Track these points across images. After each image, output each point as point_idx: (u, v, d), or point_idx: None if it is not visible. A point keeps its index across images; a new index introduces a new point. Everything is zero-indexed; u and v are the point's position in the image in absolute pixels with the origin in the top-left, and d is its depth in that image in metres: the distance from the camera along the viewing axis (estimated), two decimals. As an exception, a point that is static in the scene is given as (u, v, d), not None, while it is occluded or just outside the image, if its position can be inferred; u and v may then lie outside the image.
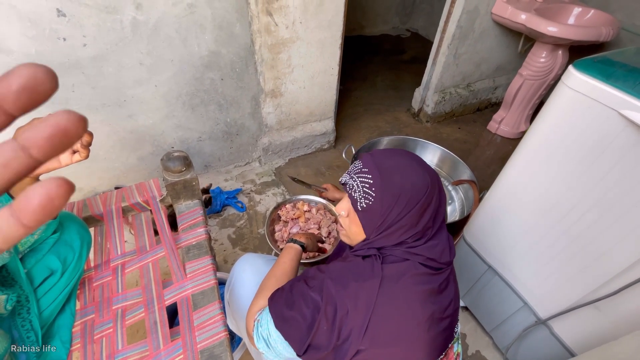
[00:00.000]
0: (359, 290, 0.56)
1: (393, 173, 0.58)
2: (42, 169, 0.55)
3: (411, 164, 0.60)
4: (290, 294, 0.62)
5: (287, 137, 1.79)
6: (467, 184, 1.57)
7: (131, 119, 1.37)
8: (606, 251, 0.75)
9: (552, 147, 0.78)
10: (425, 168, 0.61)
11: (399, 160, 0.60)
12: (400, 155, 0.62)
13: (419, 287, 0.57)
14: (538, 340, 0.99)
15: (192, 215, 0.92)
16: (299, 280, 0.64)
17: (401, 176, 0.58)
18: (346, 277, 0.58)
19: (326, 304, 0.56)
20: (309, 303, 0.58)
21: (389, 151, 0.63)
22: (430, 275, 0.58)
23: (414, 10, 3.46)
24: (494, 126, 2.21)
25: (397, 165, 0.59)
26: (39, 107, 0.15)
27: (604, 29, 1.58)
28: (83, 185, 1.47)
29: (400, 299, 0.56)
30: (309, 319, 0.57)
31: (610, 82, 0.65)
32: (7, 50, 1.06)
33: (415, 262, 0.58)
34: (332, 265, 0.62)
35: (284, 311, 0.60)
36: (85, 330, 0.74)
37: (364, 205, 0.59)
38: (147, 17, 1.17)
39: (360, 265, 0.59)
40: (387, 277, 0.57)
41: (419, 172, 0.59)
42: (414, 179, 0.58)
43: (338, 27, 1.50)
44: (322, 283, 0.59)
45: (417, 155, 0.64)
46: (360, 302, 0.55)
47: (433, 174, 0.61)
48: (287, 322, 0.59)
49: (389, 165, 0.59)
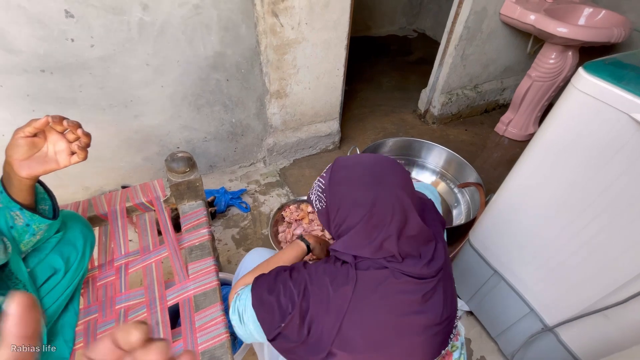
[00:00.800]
0: (332, 294, 0.57)
1: (340, 184, 0.61)
2: (40, 170, 0.56)
3: (362, 179, 0.60)
4: (274, 280, 0.64)
5: (292, 137, 1.79)
6: (473, 187, 1.55)
7: (137, 119, 1.38)
8: (616, 257, 0.73)
9: (561, 150, 0.77)
10: (382, 186, 0.59)
11: (354, 170, 0.61)
12: (362, 166, 0.62)
13: (399, 296, 0.57)
14: (544, 347, 0.97)
15: (196, 215, 0.92)
16: (285, 270, 0.65)
17: (346, 188, 0.60)
18: (323, 279, 0.59)
19: (301, 300, 0.58)
20: (287, 293, 0.60)
21: (357, 158, 0.64)
22: (413, 285, 0.58)
23: (421, 11, 3.44)
24: (501, 128, 2.18)
25: (347, 175, 0.61)
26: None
27: (616, 30, 1.55)
28: (89, 184, 1.49)
29: (375, 306, 0.56)
30: (284, 308, 0.59)
31: (622, 85, 0.64)
32: (17, 50, 1.07)
33: (393, 271, 0.58)
34: (315, 265, 0.64)
35: (264, 294, 0.62)
36: (89, 329, 0.75)
37: (318, 207, 0.65)
38: (153, 18, 1.18)
39: (338, 269, 0.60)
40: (362, 285, 0.57)
41: (367, 189, 0.59)
42: (355, 195, 0.59)
43: (344, 27, 1.50)
44: (302, 278, 0.61)
45: (392, 170, 0.62)
46: (332, 305, 0.56)
47: (390, 195, 0.59)
48: (263, 306, 0.61)
49: (340, 175, 0.62)
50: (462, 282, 1.22)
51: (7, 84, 1.12)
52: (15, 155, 0.53)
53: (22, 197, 0.57)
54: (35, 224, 0.60)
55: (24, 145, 0.53)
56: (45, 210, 0.63)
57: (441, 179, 1.76)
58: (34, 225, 0.60)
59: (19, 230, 0.59)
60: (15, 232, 0.59)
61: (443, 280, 0.62)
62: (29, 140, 0.54)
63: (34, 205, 0.61)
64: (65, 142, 0.57)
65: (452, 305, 0.64)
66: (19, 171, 0.54)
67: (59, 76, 1.17)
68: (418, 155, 1.79)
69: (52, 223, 0.62)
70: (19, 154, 0.53)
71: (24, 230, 0.59)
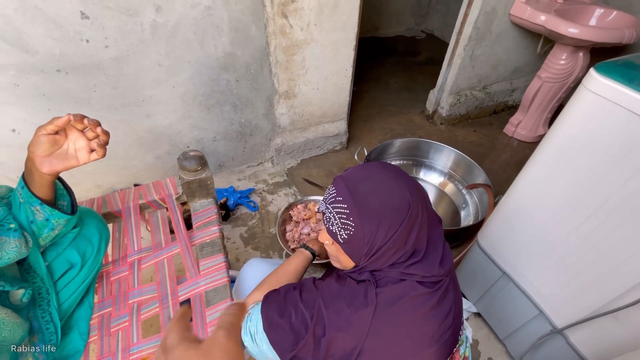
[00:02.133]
0: (351, 317, 0.55)
1: (368, 198, 0.55)
2: (61, 167, 0.57)
3: (388, 183, 0.57)
4: (283, 300, 0.62)
5: (299, 138, 1.80)
6: (482, 188, 1.54)
7: (149, 118, 1.41)
8: (626, 259, 0.72)
9: (572, 152, 0.76)
10: (403, 183, 0.58)
11: (374, 181, 0.57)
12: (375, 174, 0.59)
13: (419, 309, 0.55)
14: (553, 349, 0.96)
15: (207, 213, 0.93)
16: (295, 289, 0.63)
17: (378, 200, 0.55)
18: (339, 302, 0.56)
19: (315, 325, 0.56)
20: (298, 316, 0.58)
21: (364, 170, 0.60)
22: (429, 294, 0.57)
23: (429, 12, 3.43)
24: (510, 129, 2.17)
25: (372, 187, 0.56)
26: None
27: (627, 31, 1.53)
28: (102, 182, 1.51)
29: (397, 322, 0.55)
30: (297, 332, 0.57)
31: (633, 86, 0.63)
32: (33, 50, 1.10)
33: (412, 282, 0.57)
34: (327, 285, 0.61)
35: (275, 316, 0.60)
36: (103, 323, 0.77)
37: (344, 237, 0.57)
38: (166, 20, 1.20)
39: (354, 289, 0.57)
40: (383, 303, 0.55)
41: (397, 191, 0.56)
42: (393, 200, 0.55)
43: (353, 28, 1.50)
44: (314, 300, 0.58)
45: (394, 169, 0.61)
46: (352, 328, 0.54)
47: (414, 188, 0.58)
48: (275, 329, 0.59)
49: (363, 190, 0.56)
50: (470, 283, 1.21)
51: (23, 84, 1.15)
52: (38, 151, 0.55)
53: (42, 192, 0.59)
54: (54, 218, 0.61)
55: (45, 142, 0.55)
56: (64, 206, 0.65)
57: (449, 180, 1.75)
58: (53, 220, 0.61)
59: (38, 224, 0.61)
60: (35, 226, 0.61)
61: (452, 279, 0.62)
62: (50, 137, 0.55)
63: (53, 201, 0.63)
64: (85, 139, 0.58)
65: (459, 302, 0.64)
66: (40, 167, 0.56)
67: (73, 76, 1.19)
68: (426, 156, 1.78)
69: (71, 218, 0.64)
70: (40, 151, 0.55)
71: (43, 224, 0.61)
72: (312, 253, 0.86)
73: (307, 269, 0.84)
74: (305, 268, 0.81)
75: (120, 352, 0.72)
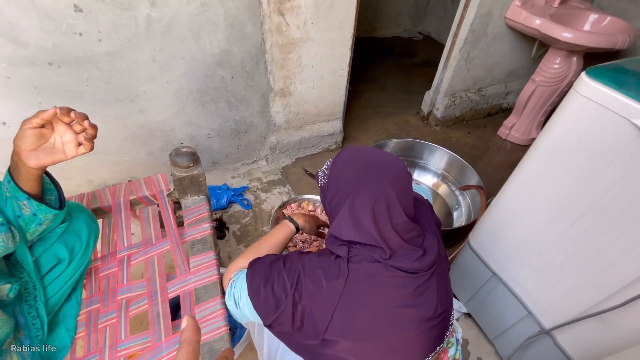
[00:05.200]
0: (324, 287, 0.60)
1: (339, 163, 0.67)
2: (48, 161, 0.57)
3: (359, 162, 0.65)
4: (268, 268, 0.66)
5: (294, 136, 1.79)
6: (475, 190, 1.55)
7: (142, 114, 1.39)
8: (614, 262, 0.73)
9: (562, 154, 0.77)
10: (372, 173, 0.62)
11: (356, 157, 0.66)
12: (364, 153, 0.67)
13: (390, 288, 0.59)
14: (541, 350, 0.97)
15: (198, 210, 0.93)
16: (279, 259, 0.68)
17: (342, 168, 0.66)
18: (317, 272, 0.62)
19: (294, 291, 0.61)
20: (280, 282, 0.63)
21: (366, 148, 0.70)
22: (405, 278, 0.60)
23: (427, 13, 3.44)
24: (504, 132, 2.19)
25: (349, 158, 0.67)
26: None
27: (620, 37, 1.55)
28: (93, 177, 1.50)
29: (366, 297, 0.59)
30: (278, 297, 0.62)
31: (623, 91, 0.64)
32: (25, 43, 1.08)
33: (386, 265, 0.60)
34: (309, 257, 0.66)
35: (259, 284, 0.64)
36: (90, 319, 0.76)
37: (321, 183, 0.71)
38: (161, 15, 1.19)
39: (331, 263, 0.63)
40: (354, 277, 0.60)
41: (358, 172, 0.63)
42: (347, 175, 0.64)
43: (349, 28, 1.50)
44: (295, 269, 0.64)
45: (387, 162, 0.65)
46: (325, 297, 0.59)
47: (381, 185, 0.61)
48: (259, 295, 0.63)
49: (343, 157, 0.68)
50: (461, 284, 1.22)
51: (14, 76, 1.13)
52: (23, 145, 0.54)
53: (29, 187, 0.58)
54: (42, 213, 0.61)
55: (31, 136, 0.54)
56: (51, 201, 0.64)
57: (443, 181, 1.76)
58: (40, 214, 0.61)
59: (25, 219, 0.60)
60: (22, 221, 0.60)
61: (437, 276, 0.63)
62: (36, 131, 0.55)
63: (40, 196, 0.62)
64: (72, 133, 0.58)
65: (447, 302, 0.65)
66: (27, 161, 0.55)
67: (66, 69, 1.18)
68: (420, 157, 1.79)
69: (58, 213, 0.63)
70: (27, 145, 0.55)
71: (30, 219, 0.60)
72: (296, 227, 0.88)
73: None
74: (287, 240, 0.85)
75: (107, 349, 0.72)
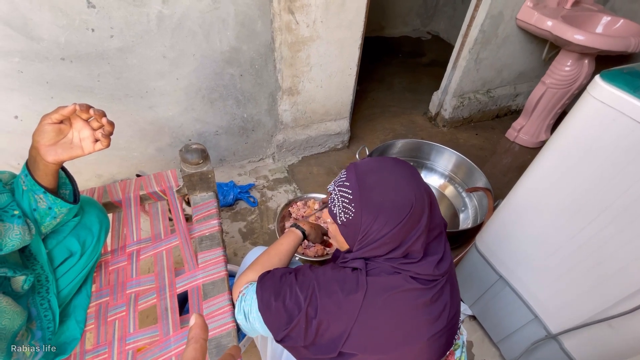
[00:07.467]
0: (342, 301, 0.57)
1: (373, 189, 0.57)
2: (66, 156, 0.57)
3: (396, 180, 0.58)
4: (279, 282, 0.64)
5: (301, 135, 1.80)
6: (482, 192, 1.54)
7: (152, 110, 1.40)
8: (623, 267, 0.73)
9: (574, 158, 0.77)
10: (412, 184, 0.58)
11: (383, 175, 0.59)
12: (387, 169, 0.60)
13: (410, 302, 0.57)
14: (547, 355, 0.97)
15: (207, 207, 0.94)
16: (290, 273, 0.65)
17: (382, 194, 0.57)
18: (332, 286, 0.59)
19: (308, 305, 0.58)
20: (292, 297, 0.60)
21: (378, 163, 0.61)
22: (423, 290, 0.58)
23: (435, 13, 3.42)
24: (512, 134, 2.17)
25: (379, 180, 0.58)
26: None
27: (633, 40, 1.53)
28: (102, 172, 1.52)
29: (385, 312, 0.56)
30: (290, 312, 0.59)
31: (638, 95, 0.64)
32: (38, 38, 1.10)
33: (405, 276, 0.58)
34: (322, 270, 0.63)
35: (270, 297, 0.62)
36: (100, 311, 0.77)
37: (343, 219, 0.59)
38: (172, 11, 1.19)
39: (348, 276, 0.59)
40: (373, 290, 0.56)
41: (402, 190, 0.57)
42: (396, 198, 0.56)
43: (358, 27, 1.50)
44: (309, 283, 0.61)
45: (409, 169, 0.61)
46: (342, 311, 0.56)
47: (422, 191, 0.59)
48: (270, 310, 0.62)
49: (370, 181, 0.58)
50: (467, 286, 1.22)
51: (27, 71, 1.15)
52: (42, 140, 0.55)
53: (46, 181, 0.59)
54: (57, 207, 0.62)
55: (50, 131, 0.55)
56: (66, 195, 0.65)
57: (449, 182, 1.75)
58: (55, 208, 0.61)
59: (41, 212, 0.61)
60: (37, 214, 0.61)
61: (450, 281, 0.62)
62: (55, 126, 0.55)
63: (56, 190, 0.63)
64: (89, 129, 0.58)
65: (457, 305, 0.65)
66: (45, 156, 0.56)
67: (78, 65, 1.19)
68: (427, 158, 1.78)
69: (73, 207, 0.64)
70: (45, 140, 0.55)
71: (46, 213, 0.61)
72: (303, 233, 0.87)
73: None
74: (295, 247, 0.84)
75: (116, 342, 0.73)
